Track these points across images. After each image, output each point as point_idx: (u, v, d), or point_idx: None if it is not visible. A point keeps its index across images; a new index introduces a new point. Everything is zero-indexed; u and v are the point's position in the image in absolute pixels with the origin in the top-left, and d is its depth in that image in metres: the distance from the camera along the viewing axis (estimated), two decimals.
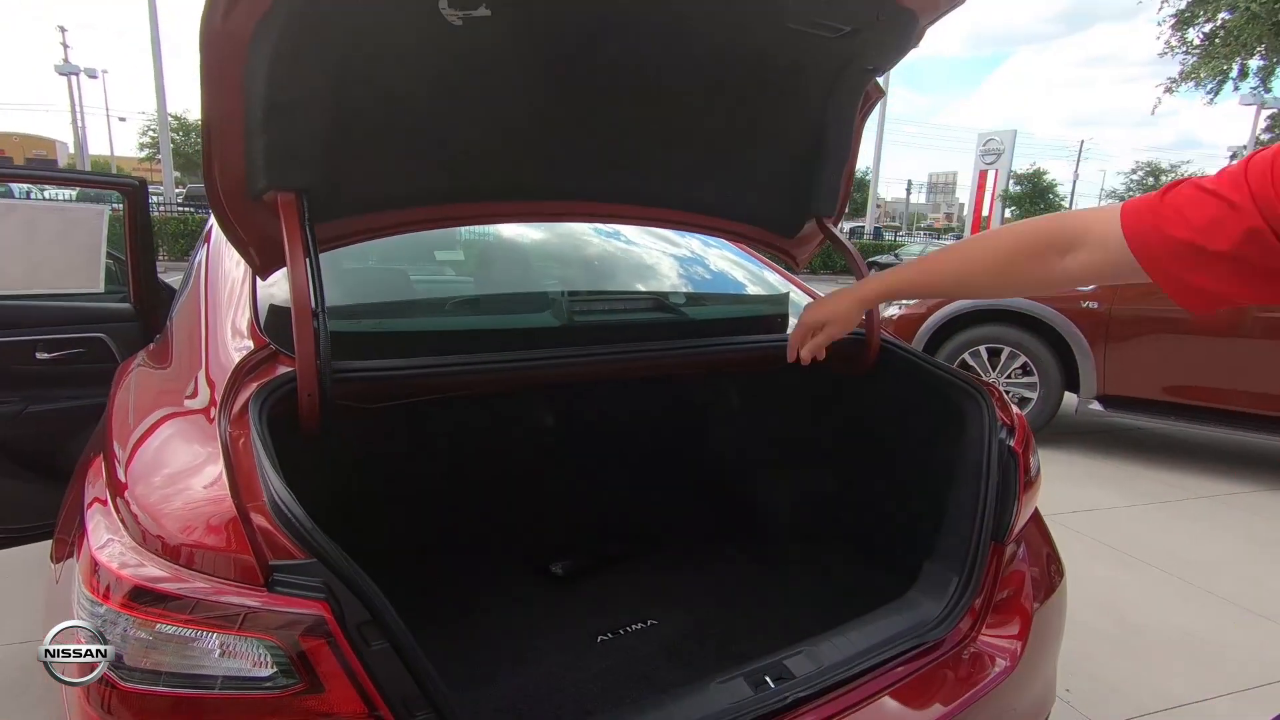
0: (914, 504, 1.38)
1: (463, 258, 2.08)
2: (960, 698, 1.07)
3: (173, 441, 0.87)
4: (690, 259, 1.96)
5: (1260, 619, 2.49)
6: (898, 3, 1.09)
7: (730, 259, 1.93)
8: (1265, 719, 0.73)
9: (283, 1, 0.85)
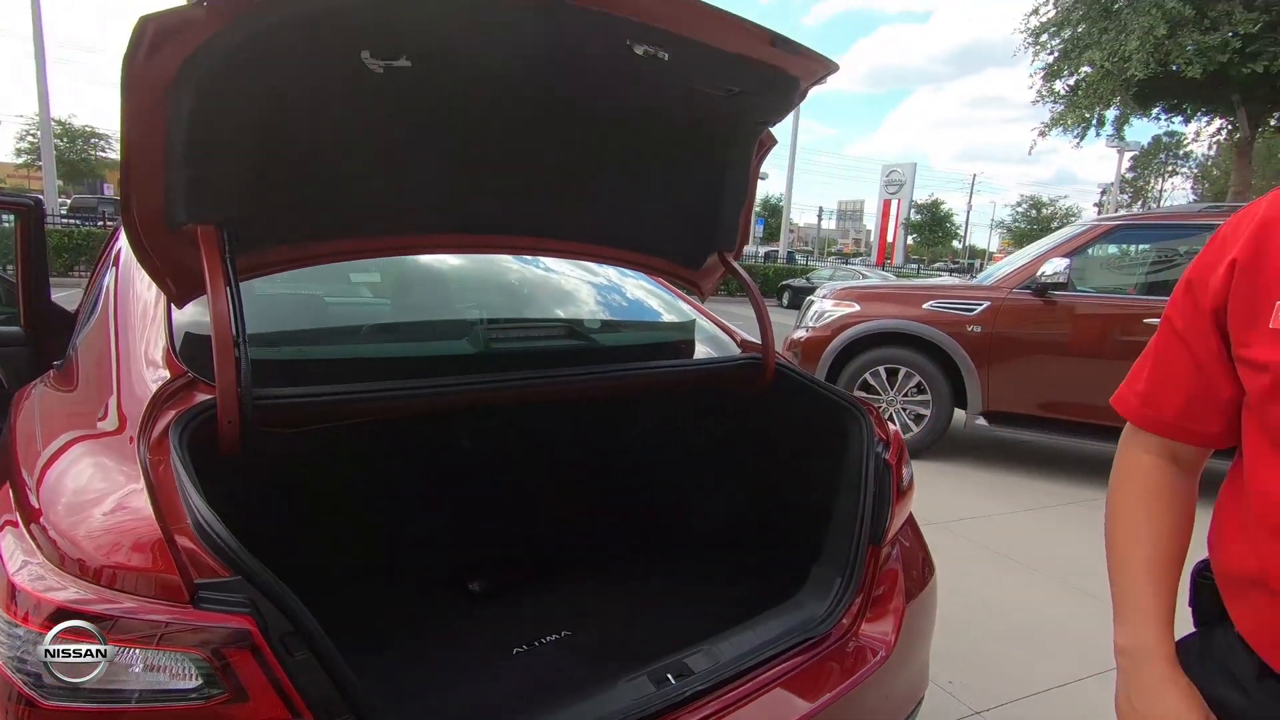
0: (805, 513, 1.51)
1: (379, 279, 2.11)
2: (842, 684, 1.20)
3: (89, 467, 0.89)
4: (604, 287, 2.07)
5: None
6: (783, 71, 1.24)
7: (643, 288, 2.06)
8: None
9: (205, 47, 0.90)
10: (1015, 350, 4.53)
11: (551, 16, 0.99)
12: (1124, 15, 9.03)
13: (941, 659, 2.33)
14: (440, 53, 1.05)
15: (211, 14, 0.87)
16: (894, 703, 1.33)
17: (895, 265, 41.27)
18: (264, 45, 0.94)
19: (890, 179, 52.07)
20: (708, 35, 1.09)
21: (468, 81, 1.12)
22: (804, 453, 1.57)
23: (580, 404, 1.69)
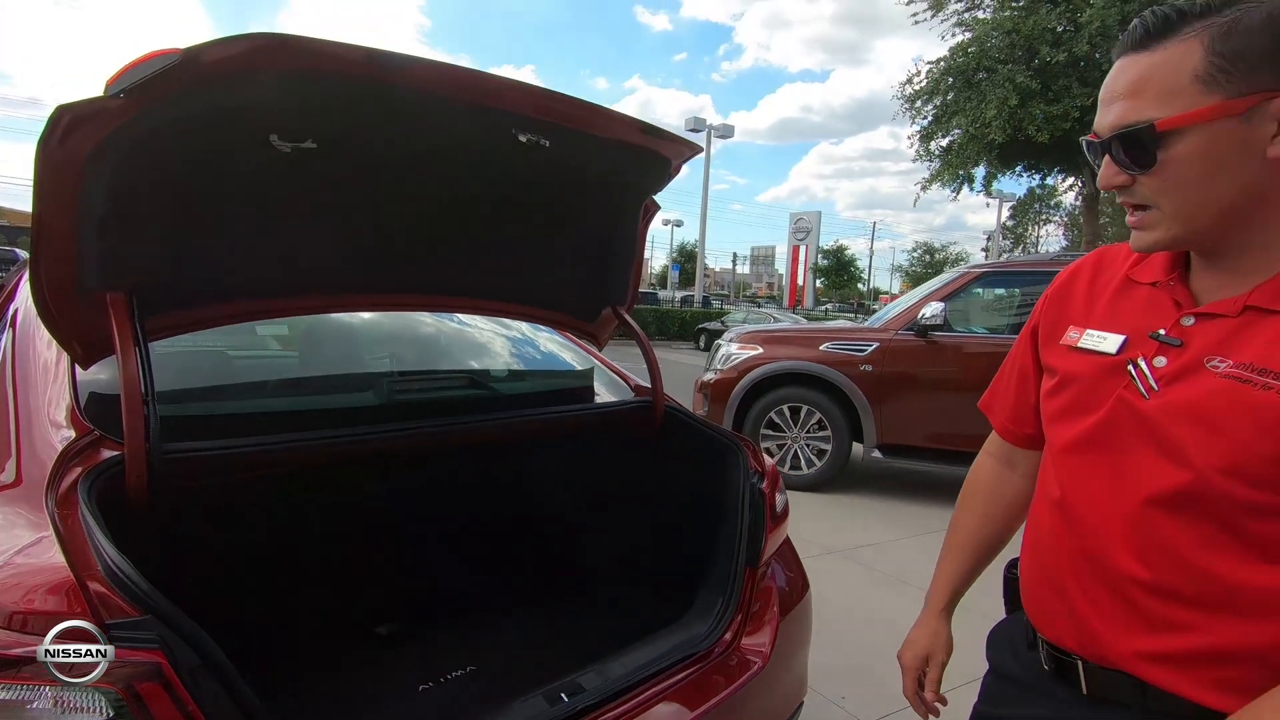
0: (692, 542, 1.66)
1: (286, 332, 2.15)
2: (723, 692, 1.34)
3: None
4: (509, 339, 2.20)
5: None
6: (655, 152, 1.44)
7: (545, 339, 2.20)
8: None
9: (119, 131, 0.98)
10: (903, 387, 4.92)
11: (443, 111, 1.14)
12: (983, 86, 10.22)
13: (835, 676, 2.51)
14: (344, 137, 1.17)
15: (127, 104, 0.96)
16: (773, 706, 1.48)
17: (806, 308, 43.18)
18: (176, 129, 1.03)
19: (798, 226, 54.91)
20: (583, 125, 1.27)
21: (370, 160, 1.25)
22: (691, 487, 1.73)
23: (483, 449, 1.79)
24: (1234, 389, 0.67)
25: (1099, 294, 0.83)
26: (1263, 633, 0.67)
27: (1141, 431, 0.73)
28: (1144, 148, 0.69)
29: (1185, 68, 0.66)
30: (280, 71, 0.98)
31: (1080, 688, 0.78)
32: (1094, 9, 8.86)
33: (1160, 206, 0.71)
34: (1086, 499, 0.78)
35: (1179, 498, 0.70)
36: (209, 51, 0.92)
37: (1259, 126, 0.65)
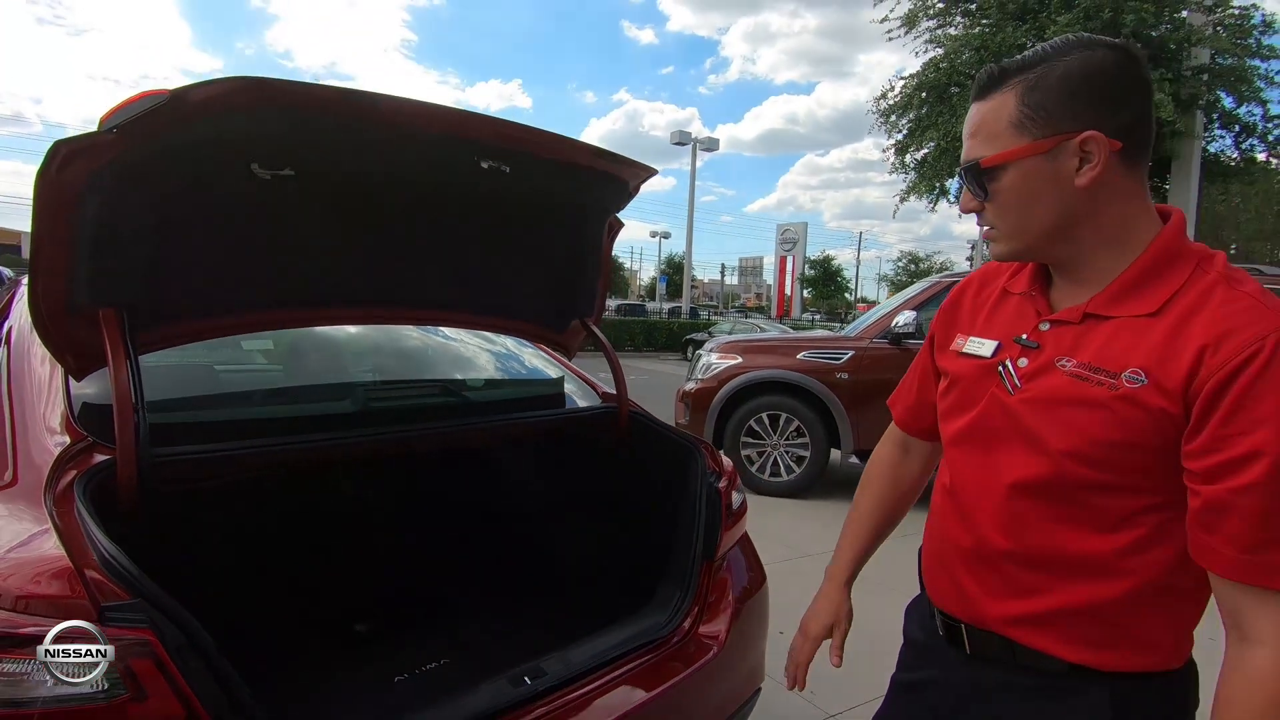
0: (655, 539, 1.76)
1: (271, 346, 2.25)
2: (679, 675, 1.44)
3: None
4: (480, 349, 2.31)
5: None
6: (611, 174, 1.55)
7: (517, 349, 2.30)
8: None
9: (111, 162, 1.08)
10: (878, 393, 4.97)
11: (410, 140, 1.25)
12: (955, 101, 10.48)
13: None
14: (320, 165, 1.27)
15: (118, 139, 1.06)
16: (729, 689, 1.58)
17: (793, 318, 43.46)
18: (164, 161, 1.13)
19: (785, 237, 55.37)
20: (542, 152, 1.38)
21: (345, 186, 1.35)
22: (653, 486, 1.83)
23: (457, 453, 1.88)
24: (1075, 385, 0.78)
25: (981, 305, 0.95)
26: (1101, 592, 0.78)
27: (1008, 423, 0.84)
28: (979, 180, 0.82)
29: (1004, 115, 0.79)
30: (258, 109, 1.09)
31: (965, 648, 0.89)
32: (1058, 26, 9.17)
33: (998, 227, 0.84)
34: (966, 483, 0.89)
35: (1036, 479, 0.81)
36: (194, 92, 1.03)
37: (1064, 161, 0.77)
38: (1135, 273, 0.78)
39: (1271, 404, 0.67)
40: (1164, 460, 0.74)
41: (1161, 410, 0.73)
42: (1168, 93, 8.86)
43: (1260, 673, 0.69)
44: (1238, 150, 10.87)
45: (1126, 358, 0.76)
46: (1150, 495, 0.76)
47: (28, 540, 0.97)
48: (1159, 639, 0.79)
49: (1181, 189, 10.28)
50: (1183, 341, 0.73)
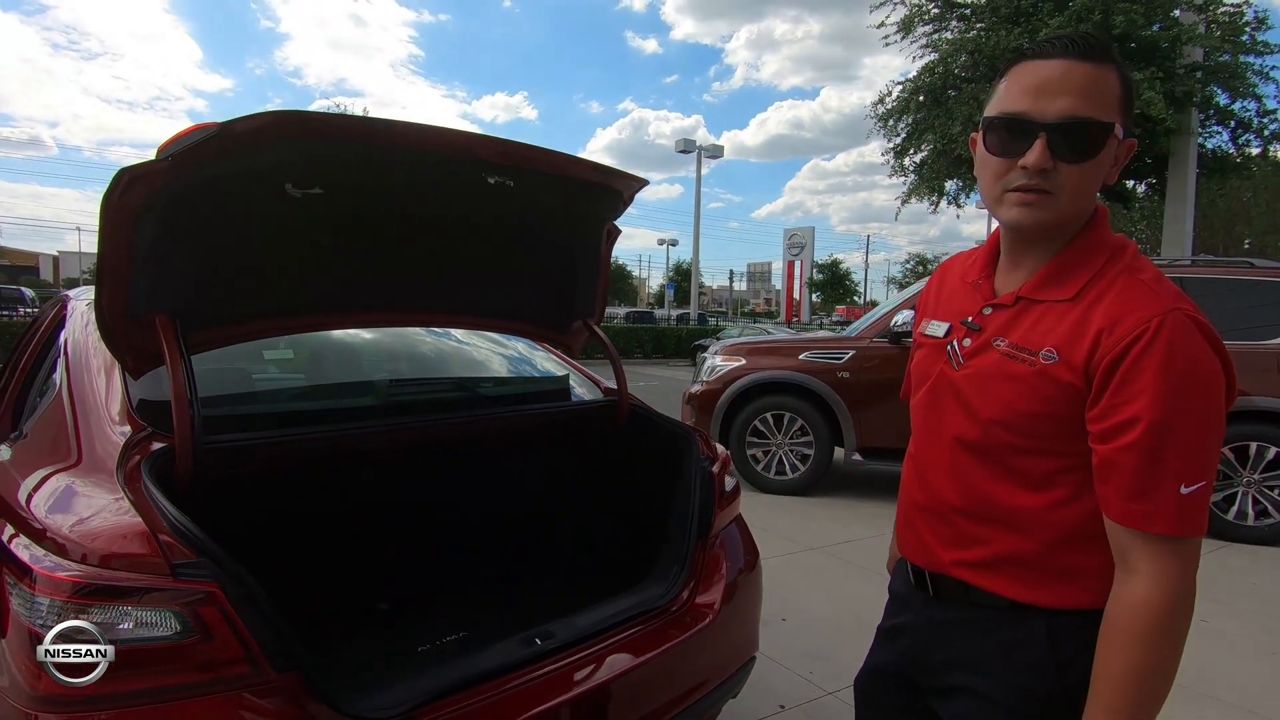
0: (656, 520, 1.91)
1: (291, 356, 2.42)
2: (676, 639, 1.58)
3: (83, 496, 1.18)
4: (492, 351, 2.47)
5: None
6: (607, 187, 1.71)
7: (525, 350, 2.46)
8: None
9: (165, 187, 1.24)
10: (879, 392, 5.14)
11: (423, 162, 1.41)
12: (951, 104, 10.61)
13: (806, 654, 2.74)
14: (346, 184, 1.43)
15: (172, 165, 1.22)
16: (723, 655, 1.71)
17: (802, 322, 43.47)
18: (212, 184, 1.30)
19: (792, 242, 55.49)
20: (543, 167, 1.54)
21: (368, 201, 1.51)
22: (651, 472, 1.98)
23: (471, 443, 2.04)
24: (1005, 362, 0.91)
25: (943, 293, 1.09)
26: (1031, 541, 0.92)
27: (952, 394, 0.97)
28: (1091, 141, 0.83)
29: (1112, 89, 0.84)
30: (295, 138, 1.25)
31: (929, 592, 1.02)
32: (1050, 29, 9.28)
33: (1066, 190, 0.85)
34: (922, 447, 1.04)
35: (972, 443, 0.95)
36: (240, 124, 1.19)
37: (1111, 155, 0.86)
38: (1059, 262, 0.90)
39: (1149, 377, 0.79)
40: (1074, 428, 0.86)
41: (1069, 384, 0.85)
42: (1159, 91, 8.95)
43: (1136, 597, 0.82)
44: (1234, 146, 10.93)
45: (1045, 338, 0.87)
46: (1065, 458, 0.89)
47: (107, 511, 1.13)
48: (1086, 580, 0.90)
49: (1179, 185, 10.35)
50: (1088, 324, 0.84)
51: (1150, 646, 0.81)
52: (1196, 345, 0.81)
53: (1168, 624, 0.81)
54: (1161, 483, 0.80)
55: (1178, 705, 2.46)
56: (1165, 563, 0.81)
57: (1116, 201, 12.78)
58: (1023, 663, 0.92)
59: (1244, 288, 4.66)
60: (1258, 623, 3.21)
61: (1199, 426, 0.80)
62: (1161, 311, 0.81)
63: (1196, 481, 0.80)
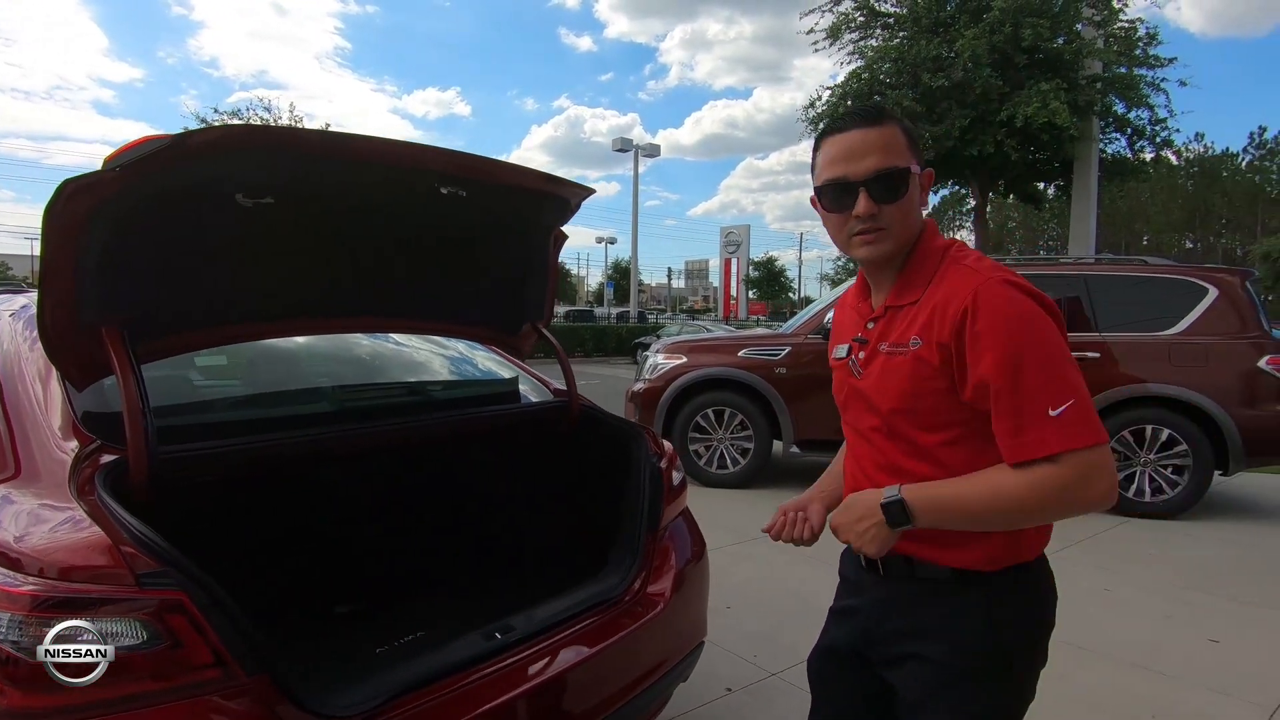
0: (607, 515, 1.98)
1: (247, 361, 2.37)
2: (629, 628, 1.66)
3: (25, 513, 1.17)
4: (441, 354, 2.49)
5: None
6: (556, 195, 1.77)
7: (475, 353, 2.49)
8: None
9: (112, 197, 1.23)
10: (813, 386, 5.34)
11: (374, 171, 1.44)
12: None
13: (750, 639, 2.87)
14: (297, 193, 1.45)
15: (120, 176, 1.22)
16: (674, 640, 1.81)
17: (740, 319, 44.27)
18: (160, 194, 1.29)
19: (729, 240, 56.36)
20: (494, 178, 1.59)
21: (319, 209, 1.53)
22: (603, 469, 2.05)
23: (424, 446, 2.06)
24: (888, 360, 1.07)
25: (840, 323, 1.27)
26: None
27: (860, 399, 1.13)
28: (898, 184, 1.04)
29: (899, 139, 1.05)
30: (249, 150, 1.27)
31: (880, 571, 1.13)
32: (965, 39, 9.87)
33: (893, 226, 1.05)
34: (852, 444, 1.20)
35: (884, 432, 1.09)
36: (194, 137, 1.20)
37: (917, 186, 1.07)
38: (905, 274, 1.09)
39: (984, 335, 0.95)
40: (950, 399, 1.01)
41: (931, 361, 1.01)
42: (1063, 100, 9.62)
43: (1005, 479, 0.96)
44: (1131, 151, 11.86)
45: (909, 332, 1.04)
46: (955, 427, 1.02)
47: (64, 524, 1.12)
48: (1008, 539, 1.04)
49: (1082, 188, 11.17)
50: (933, 310, 1.02)
51: (1006, 504, 0.96)
52: (1010, 298, 0.96)
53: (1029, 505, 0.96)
54: (1031, 413, 0.93)
55: (1077, 664, 2.71)
56: (1062, 470, 0.93)
57: (1029, 203, 13.61)
58: (962, 625, 1.04)
59: (1139, 284, 5.09)
60: (1152, 589, 3.53)
61: (1042, 356, 0.94)
62: (976, 284, 0.98)
63: (1063, 401, 0.92)
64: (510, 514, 2.30)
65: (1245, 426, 4.60)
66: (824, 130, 1.10)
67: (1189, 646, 2.90)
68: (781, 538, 1.22)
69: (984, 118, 11.21)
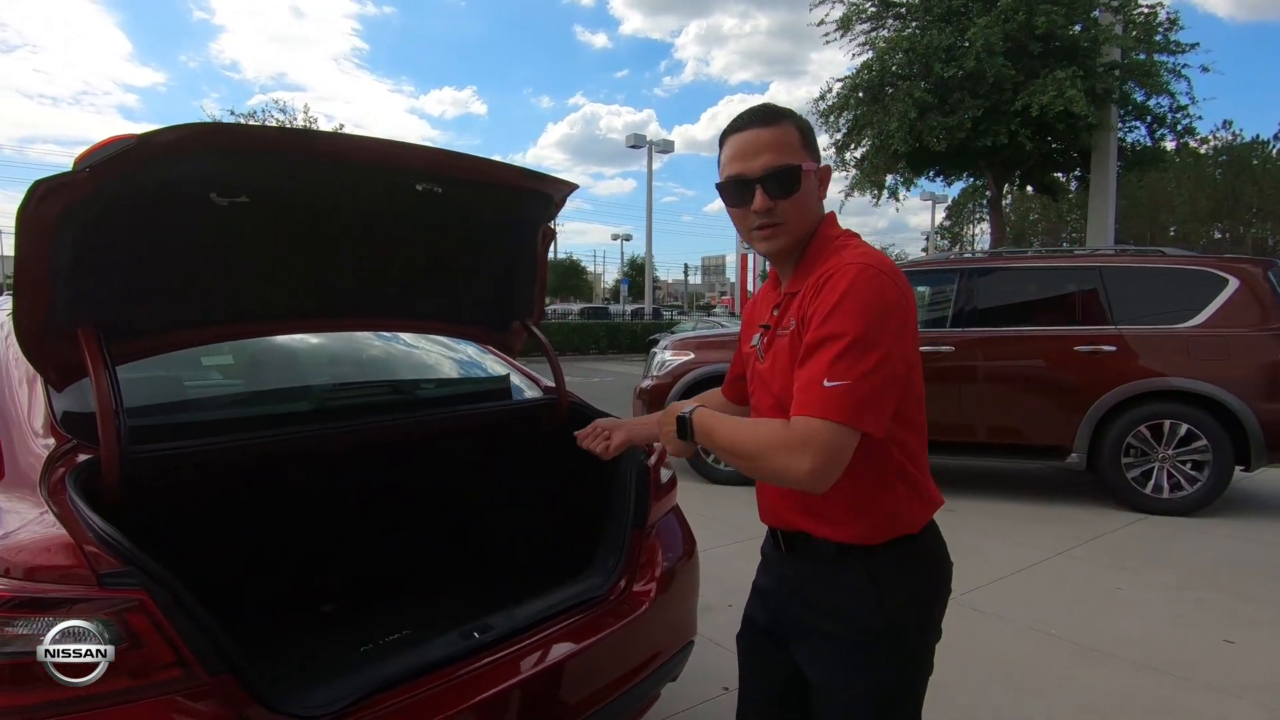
0: (593, 512, 1.96)
1: (231, 361, 2.39)
2: (612, 627, 1.64)
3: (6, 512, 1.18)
4: (431, 352, 2.49)
5: None
6: (537, 190, 1.75)
7: (465, 350, 2.48)
8: None
9: (84, 198, 1.23)
10: None
11: (347, 169, 1.43)
12: (888, 101, 10.99)
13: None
14: (272, 191, 1.44)
15: (91, 176, 1.22)
16: (660, 640, 1.78)
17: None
18: (132, 194, 1.29)
19: None
20: (471, 174, 1.57)
21: (295, 209, 1.52)
22: (591, 467, 2.02)
23: (409, 444, 2.06)
24: (779, 343, 1.11)
25: (750, 314, 1.32)
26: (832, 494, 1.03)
27: (761, 383, 1.18)
28: (790, 181, 1.07)
29: (793, 138, 1.08)
30: (215, 149, 1.26)
31: (783, 548, 1.18)
32: (977, 28, 9.69)
33: (788, 221, 1.09)
34: None
35: (774, 410, 1.11)
36: (159, 136, 1.20)
37: (815, 180, 1.11)
38: (803, 263, 1.12)
39: (822, 310, 0.98)
40: None
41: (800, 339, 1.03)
42: (1080, 89, 9.40)
43: (767, 424, 1.02)
44: (1151, 139, 11.57)
45: (792, 317, 1.08)
46: None
47: (31, 524, 1.13)
48: (886, 511, 1.07)
49: (1101, 178, 10.92)
50: (804, 291, 1.06)
51: (744, 447, 1.02)
52: (861, 278, 0.98)
53: (752, 450, 1.01)
54: (813, 379, 0.96)
55: (1085, 665, 2.65)
56: (789, 432, 0.96)
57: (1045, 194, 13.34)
58: (851, 600, 1.09)
59: (1157, 275, 4.96)
60: (1168, 589, 3.45)
61: (855, 336, 0.95)
62: (839, 264, 1.02)
63: (841, 380, 0.95)
64: (499, 512, 2.29)
65: (1267, 421, 4.47)
66: (725, 130, 1.14)
67: (1201, 647, 2.83)
68: (582, 444, 1.45)
69: (998, 108, 11.00)
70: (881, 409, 0.97)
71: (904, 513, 1.10)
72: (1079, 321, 4.93)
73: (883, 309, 0.98)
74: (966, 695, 2.46)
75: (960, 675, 2.55)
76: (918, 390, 1.09)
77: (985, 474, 5.81)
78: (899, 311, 0.99)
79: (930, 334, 5.22)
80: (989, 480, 5.65)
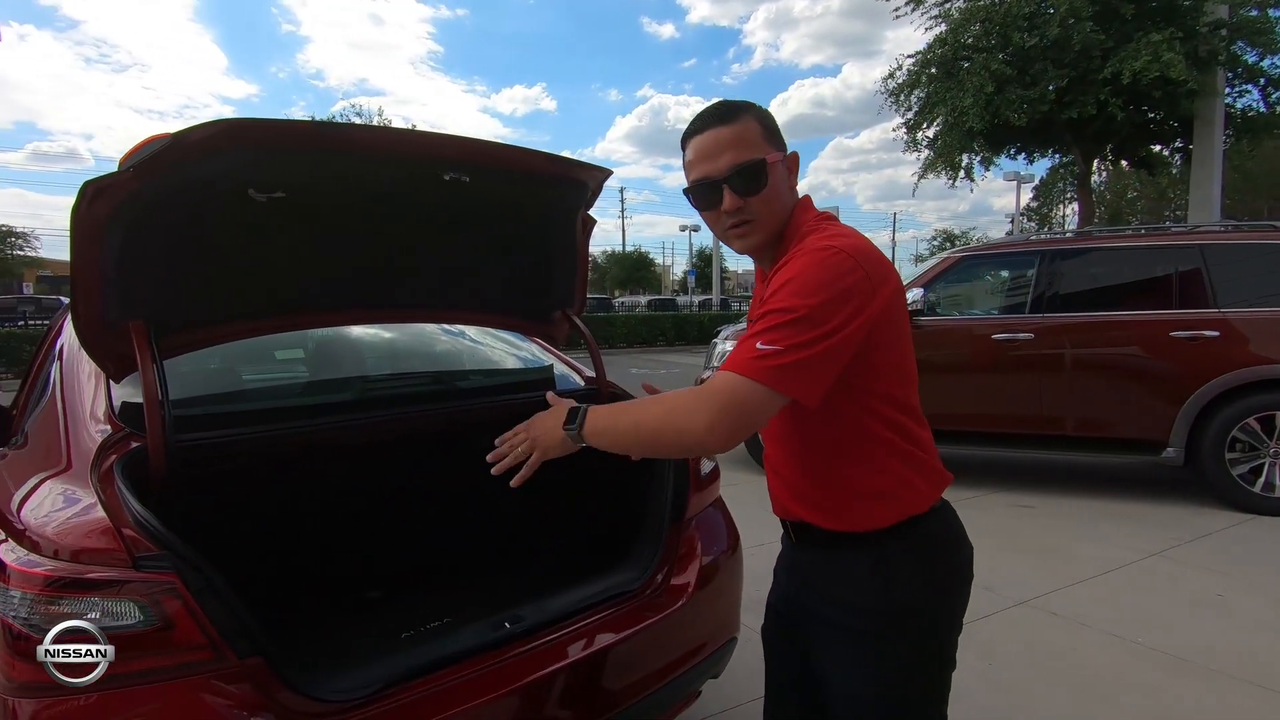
0: (632, 504, 1.93)
1: (303, 355, 2.49)
2: (647, 621, 1.61)
3: (54, 498, 1.25)
4: (475, 343, 2.51)
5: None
6: (569, 177, 1.72)
7: (510, 341, 2.50)
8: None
9: (130, 196, 1.29)
10: None
11: (381, 164, 1.44)
12: (962, 75, 10.36)
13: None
14: (308, 186, 1.46)
15: (135, 175, 1.27)
16: (699, 635, 1.74)
17: None
18: (174, 191, 1.34)
19: None
20: (497, 162, 1.56)
21: (331, 202, 1.54)
22: (628, 461, 2.00)
23: (449, 434, 2.08)
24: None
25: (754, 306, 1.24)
26: (819, 473, 1.09)
27: None
28: (757, 176, 1.05)
29: (755, 132, 1.06)
30: (247, 145, 1.29)
31: (792, 538, 1.19)
32: None
33: (760, 216, 1.07)
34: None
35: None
36: (192, 134, 1.23)
37: (784, 170, 1.09)
38: (780, 250, 1.08)
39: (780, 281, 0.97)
40: None
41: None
42: (1178, 52, 8.61)
43: (677, 391, 1.00)
44: (1266, 105, 10.49)
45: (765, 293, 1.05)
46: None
47: (81, 508, 1.19)
48: (886, 493, 1.04)
49: (1204, 149, 9.97)
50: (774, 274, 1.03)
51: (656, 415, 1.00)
52: (822, 254, 0.96)
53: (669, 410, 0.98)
54: (747, 343, 0.95)
55: (1188, 680, 2.43)
56: (716, 384, 0.94)
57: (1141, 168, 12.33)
58: (858, 586, 1.07)
59: (1268, 252, 4.50)
60: (1273, 596, 3.13)
61: (797, 307, 0.93)
62: (801, 249, 1.00)
63: (771, 345, 0.93)
64: (538, 503, 2.29)
65: None
66: (684, 133, 1.12)
67: None
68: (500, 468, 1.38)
69: (1084, 77, 10.14)
70: (814, 379, 0.94)
71: (903, 493, 1.06)
72: (1176, 305, 4.53)
73: (839, 291, 0.94)
74: (1035, 704, 2.30)
75: (1029, 683, 2.39)
76: (909, 369, 1.07)
77: (1065, 469, 5.45)
78: (860, 294, 0.96)
79: (1007, 320, 4.93)
80: (1069, 475, 5.30)
